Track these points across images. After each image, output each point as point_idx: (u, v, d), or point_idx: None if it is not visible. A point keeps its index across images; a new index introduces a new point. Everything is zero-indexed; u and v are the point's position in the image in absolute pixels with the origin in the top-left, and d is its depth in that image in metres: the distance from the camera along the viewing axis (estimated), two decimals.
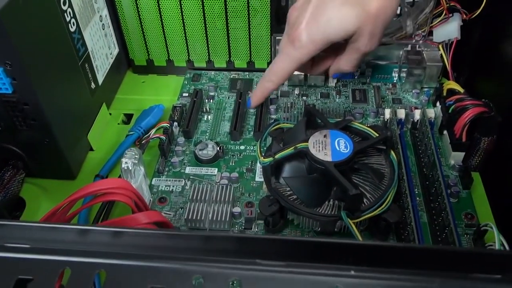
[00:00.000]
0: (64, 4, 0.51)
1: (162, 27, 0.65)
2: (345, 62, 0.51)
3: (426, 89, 0.63)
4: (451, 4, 0.59)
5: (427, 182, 0.51)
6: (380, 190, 0.45)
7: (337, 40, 0.48)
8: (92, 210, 0.49)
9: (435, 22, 0.60)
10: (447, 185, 0.49)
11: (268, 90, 0.53)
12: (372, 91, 0.64)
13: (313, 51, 0.48)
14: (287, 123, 0.53)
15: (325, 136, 0.47)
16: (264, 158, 0.46)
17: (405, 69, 0.63)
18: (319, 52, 0.50)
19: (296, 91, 0.64)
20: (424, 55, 0.62)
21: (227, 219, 0.47)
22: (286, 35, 0.50)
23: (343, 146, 0.46)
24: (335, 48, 0.51)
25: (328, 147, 0.46)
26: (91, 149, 0.58)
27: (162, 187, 0.52)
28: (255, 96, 0.54)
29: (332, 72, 0.53)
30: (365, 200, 0.44)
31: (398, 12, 0.58)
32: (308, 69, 0.55)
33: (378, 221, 0.45)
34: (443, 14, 0.59)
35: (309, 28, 0.47)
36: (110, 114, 0.63)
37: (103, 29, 0.62)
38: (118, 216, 0.49)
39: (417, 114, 0.56)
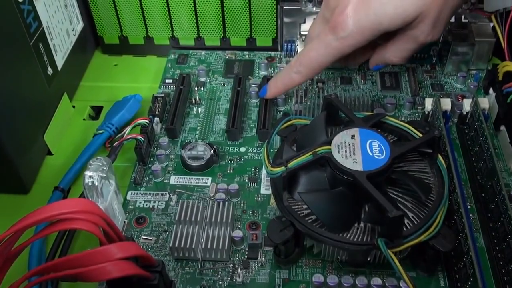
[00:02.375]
0: None
1: None
2: (394, 52, 0.50)
3: (474, 72, 0.61)
4: None
5: (483, 194, 0.48)
6: (426, 207, 0.43)
7: (392, 28, 0.46)
8: (48, 240, 0.48)
9: None
10: None
11: (294, 83, 0.53)
12: (406, 74, 0.61)
13: (360, 42, 0.47)
14: (301, 118, 0.50)
15: (353, 136, 0.45)
16: (273, 167, 0.44)
17: (448, 47, 0.60)
18: None
19: None
20: (472, 28, 0.60)
21: (226, 246, 0.45)
22: (322, 19, 0.50)
23: (377, 150, 0.43)
24: (383, 35, 0.50)
25: (357, 151, 0.43)
26: (49, 153, 0.57)
27: (140, 203, 0.50)
28: (275, 86, 0.54)
29: (374, 63, 0.53)
30: (406, 221, 0.42)
31: None
32: (343, 61, 0.54)
33: (424, 248, 0.43)
34: None
35: (357, 14, 0.46)
36: (74, 107, 0.62)
37: None
38: (81, 248, 0.47)
39: (466, 105, 0.54)
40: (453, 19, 0.60)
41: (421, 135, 0.46)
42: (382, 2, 0.45)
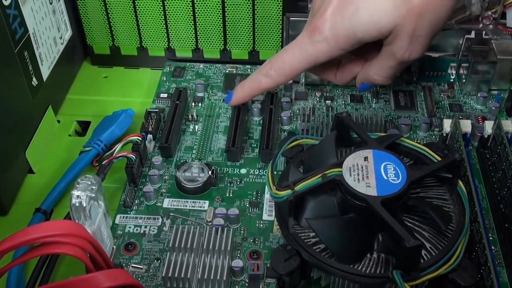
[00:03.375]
0: None
1: (133, 2, 0.64)
2: (375, 70, 0.51)
3: (496, 92, 0.62)
4: None
5: (507, 225, 0.48)
6: (446, 238, 0.43)
7: (367, 39, 0.47)
8: (28, 266, 0.47)
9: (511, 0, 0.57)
10: None
11: (261, 87, 0.53)
12: (422, 93, 0.62)
13: (334, 50, 0.48)
14: (308, 138, 0.51)
15: (366, 158, 0.45)
16: (278, 190, 0.44)
17: (467, 64, 0.61)
18: (347, 54, 0.49)
19: (317, 93, 0.63)
20: (494, 45, 0.61)
21: (224, 276, 0.45)
22: (307, 24, 0.50)
23: (393, 173, 0.44)
24: (368, 49, 0.51)
25: (371, 174, 0.43)
26: (31, 171, 0.57)
27: (130, 228, 0.50)
28: (242, 91, 0.55)
29: (359, 82, 0.53)
30: (424, 252, 0.42)
31: None
32: (332, 75, 0.55)
33: (443, 282, 0.42)
34: None
35: (334, 19, 0.47)
36: (59, 121, 0.63)
37: (51, 3, 0.60)
38: (65, 276, 0.47)
39: (488, 127, 0.54)
40: (473, 35, 0.61)
41: (439, 159, 0.46)
42: (357, 7, 0.46)
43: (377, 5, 0.45)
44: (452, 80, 0.63)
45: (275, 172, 0.51)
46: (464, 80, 0.61)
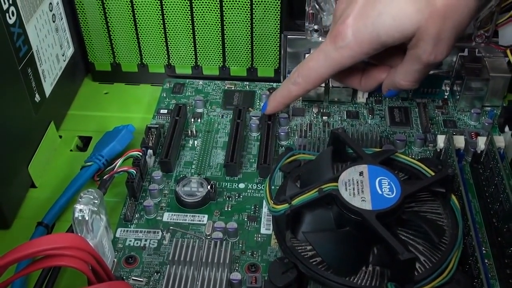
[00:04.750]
0: None
1: (134, 20, 0.64)
2: (401, 75, 0.51)
3: (489, 109, 0.62)
4: None
5: (499, 238, 0.48)
6: (439, 251, 0.43)
7: (390, 43, 0.47)
8: (31, 279, 0.47)
9: (503, 19, 0.58)
10: None
11: (292, 95, 0.55)
12: (416, 109, 0.63)
13: (358, 55, 0.48)
14: (305, 153, 0.51)
15: (361, 173, 0.45)
16: (276, 204, 0.44)
17: (461, 81, 0.62)
18: (371, 60, 0.50)
19: (314, 109, 0.63)
20: (487, 63, 0.61)
21: None
22: (329, 32, 0.51)
23: (387, 188, 0.44)
24: (393, 56, 0.51)
25: (366, 189, 0.44)
26: (33, 186, 0.57)
27: (130, 241, 0.50)
28: (274, 100, 0.56)
29: (386, 89, 0.54)
30: (418, 265, 0.42)
31: None
32: (357, 83, 0.55)
33: None
34: None
35: (356, 24, 0.47)
36: (60, 137, 0.63)
37: (54, 22, 0.61)
38: None
39: (481, 143, 0.54)
40: (466, 53, 0.61)
41: (433, 174, 0.47)
42: (380, 12, 0.46)
43: (400, 9, 0.46)
44: (446, 97, 0.63)
45: (272, 187, 0.51)
46: (458, 97, 0.62)
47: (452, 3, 0.44)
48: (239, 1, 0.61)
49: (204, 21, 0.63)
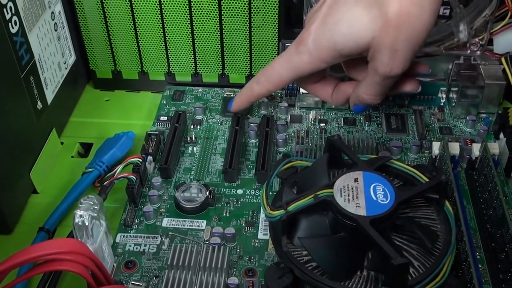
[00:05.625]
0: None
1: (135, 28, 0.64)
2: (363, 89, 0.50)
3: (484, 116, 0.63)
4: None
5: (493, 244, 0.49)
6: (433, 256, 0.43)
7: (346, 51, 0.47)
8: (33, 283, 0.47)
9: (497, 28, 0.58)
10: None
11: (254, 93, 0.54)
12: (413, 116, 0.63)
13: (317, 62, 0.48)
14: (301, 159, 0.52)
15: (356, 180, 0.46)
16: (272, 210, 0.44)
17: (456, 89, 0.62)
18: (341, 75, 0.50)
19: (311, 116, 0.63)
20: (482, 70, 0.62)
21: None
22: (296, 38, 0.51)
23: (382, 194, 0.45)
24: (361, 72, 0.51)
25: (361, 195, 0.44)
26: (35, 192, 0.57)
27: (130, 246, 0.50)
28: (239, 98, 0.56)
29: (352, 103, 0.53)
30: (411, 269, 0.43)
31: (448, 13, 0.57)
32: (327, 96, 0.55)
33: None
34: (508, 17, 0.57)
35: (316, 31, 0.47)
36: (62, 143, 0.63)
37: (56, 30, 0.61)
38: None
39: (475, 150, 0.55)
40: (462, 61, 0.62)
41: (427, 180, 0.47)
42: (338, 20, 0.46)
43: (355, 17, 0.45)
44: (442, 104, 0.64)
45: (270, 193, 0.52)
46: (453, 104, 0.62)
47: (404, 14, 0.43)
48: (237, 10, 0.61)
49: (204, 30, 0.63)
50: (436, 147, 0.55)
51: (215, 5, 0.61)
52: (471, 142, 0.57)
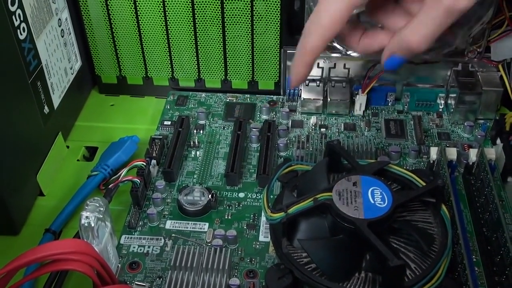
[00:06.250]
0: (13, 4, 0.50)
1: (139, 35, 0.65)
2: (414, 28, 0.42)
3: (481, 122, 0.63)
4: None
5: (489, 247, 0.49)
6: (429, 258, 0.44)
7: None
8: (39, 282, 0.47)
9: (495, 35, 0.59)
10: None
11: (307, 50, 0.44)
12: (412, 122, 0.63)
13: None
14: (302, 164, 0.52)
15: (354, 184, 0.46)
16: (273, 212, 0.45)
17: (454, 95, 0.63)
18: (373, 20, 0.43)
19: (312, 121, 0.63)
20: (480, 77, 0.62)
21: None
22: None
23: (379, 198, 0.45)
24: (400, 20, 0.44)
25: (359, 199, 0.45)
26: (41, 194, 0.57)
27: (134, 247, 0.51)
28: (295, 66, 0.46)
29: (388, 52, 0.44)
30: (408, 271, 0.43)
31: None
32: (355, 41, 0.47)
33: None
34: (505, 25, 0.58)
35: None
36: (68, 147, 0.63)
37: (62, 36, 0.62)
38: None
39: (472, 155, 0.55)
40: (460, 67, 0.62)
41: (424, 184, 0.47)
42: None
43: None
44: (440, 110, 0.64)
45: (271, 196, 0.52)
46: (452, 110, 0.63)
47: None
48: (240, 17, 0.62)
49: (207, 36, 0.64)
50: (434, 152, 0.55)
51: (218, 12, 0.62)
52: (469, 148, 0.57)
